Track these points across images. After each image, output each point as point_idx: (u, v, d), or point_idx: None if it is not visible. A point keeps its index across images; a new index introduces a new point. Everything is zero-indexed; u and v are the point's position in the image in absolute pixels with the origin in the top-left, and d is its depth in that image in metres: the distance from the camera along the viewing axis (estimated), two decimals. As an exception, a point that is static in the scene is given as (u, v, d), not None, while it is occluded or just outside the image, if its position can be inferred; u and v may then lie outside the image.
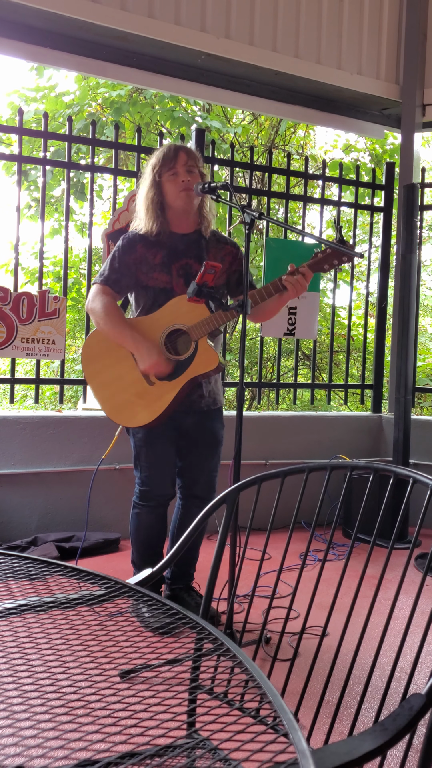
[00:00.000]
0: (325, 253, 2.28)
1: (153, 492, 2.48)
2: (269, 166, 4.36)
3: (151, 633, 0.94)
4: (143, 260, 2.44)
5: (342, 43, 4.32)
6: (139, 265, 2.44)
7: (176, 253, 2.44)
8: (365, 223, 5.53)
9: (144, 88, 6.46)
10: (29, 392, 7.14)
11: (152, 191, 2.43)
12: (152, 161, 2.46)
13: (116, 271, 2.45)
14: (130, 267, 2.44)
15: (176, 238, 2.46)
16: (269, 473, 1.36)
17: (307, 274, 2.30)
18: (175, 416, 2.44)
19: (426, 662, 2.26)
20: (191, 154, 2.44)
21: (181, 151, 2.42)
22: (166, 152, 2.43)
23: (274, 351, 6.61)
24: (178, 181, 2.39)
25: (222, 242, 2.54)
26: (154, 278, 2.43)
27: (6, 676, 0.77)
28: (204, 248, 2.47)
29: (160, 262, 2.43)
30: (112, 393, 2.45)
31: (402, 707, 0.85)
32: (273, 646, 2.40)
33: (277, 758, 0.59)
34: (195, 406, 2.47)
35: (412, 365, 4.08)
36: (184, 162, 2.40)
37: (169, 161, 2.40)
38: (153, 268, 2.43)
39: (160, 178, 2.42)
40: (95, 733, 0.64)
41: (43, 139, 3.62)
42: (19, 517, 3.42)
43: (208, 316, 2.31)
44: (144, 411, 2.39)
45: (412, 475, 1.18)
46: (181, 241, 2.46)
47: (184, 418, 2.48)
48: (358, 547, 3.61)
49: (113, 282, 2.45)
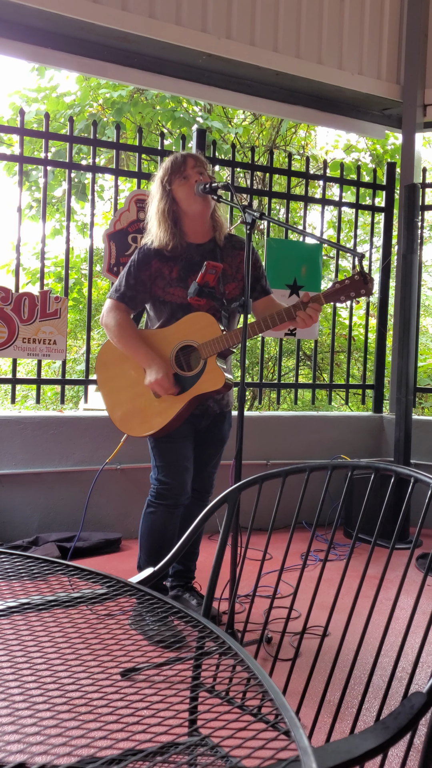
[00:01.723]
0: (344, 284, 2.18)
1: (172, 491, 2.44)
2: (270, 167, 4.36)
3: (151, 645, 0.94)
4: (159, 275, 2.42)
5: (343, 43, 4.32)
6: (154, 280, 2.42)
7: (192, 265, 2.41)
8: (366, 224, 5.53)
9: (145, 89, 6.46)
10: (30, 392, 7.15)
11: (163, 201, 2.38)
12: (159, 174, 2.43)
13: (132, 288, 2.43)
14: (145, 283, 2.43)
15: (192, 250, 2.43)
16: (270, 473, 1.36)
17: (321, 305, 2.24)
18: (192, 419, 2.46)
19: (427, 662, 2.26)
20: (199, 159, 2.42)
21: (189, 157, 2.41)
22: (173, 161, 2.40)
23: (275, 351, 6.61)
24: (190, 184, 2.36)
25: (237, 248, 2.50)
26: (170, 293, 2.41)
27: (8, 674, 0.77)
28: (219, 258, 2.44)
29: (177, 277, 2.41)
30: (120, 401, 2.48)
31: (403, 706, 0.86)
32: (274, 646, 2.40)
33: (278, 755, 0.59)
34: (210, 411, 2.50)
35: (413, 365, 4.09)
36: (192, 165, 2.38)
37: (179, 167, 2.38)
38: (169, 283, 2.41)
39: (171, 186, 2.38)
40: (97, 730, 0.64)
41: (44, 140, 3.63)
42: (21, 517, 3.42)
43: (218, 336, 2.30)
44: (147, 422, 2.41)
45: (414, 475, 1.18)
46: (197, 252, 2.43)
47: (200, 421, 2.50)
48: (359, 547, 3.61)
49: (129, 299, 2.44)
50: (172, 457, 2.45)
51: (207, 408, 2.48)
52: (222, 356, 2.36)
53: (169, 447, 2.45)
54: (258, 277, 2.52)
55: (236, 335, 2.26)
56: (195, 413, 2.45)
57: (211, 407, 2.49)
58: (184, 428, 2.45)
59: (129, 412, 2.46)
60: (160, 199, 2.40)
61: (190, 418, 2.45)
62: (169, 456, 2.45)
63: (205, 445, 2.55)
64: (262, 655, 2.30)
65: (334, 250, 6.20)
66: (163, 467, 2.46)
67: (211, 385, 2.33)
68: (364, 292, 2.17)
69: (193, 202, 2.36)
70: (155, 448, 2.48)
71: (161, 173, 2.42)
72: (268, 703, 0.69)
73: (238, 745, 0.62)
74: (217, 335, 2.30)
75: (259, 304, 2.53)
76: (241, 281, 2.47)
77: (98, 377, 2.56)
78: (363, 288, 2.16)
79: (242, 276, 2.46)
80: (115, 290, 2.47)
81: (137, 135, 3.85)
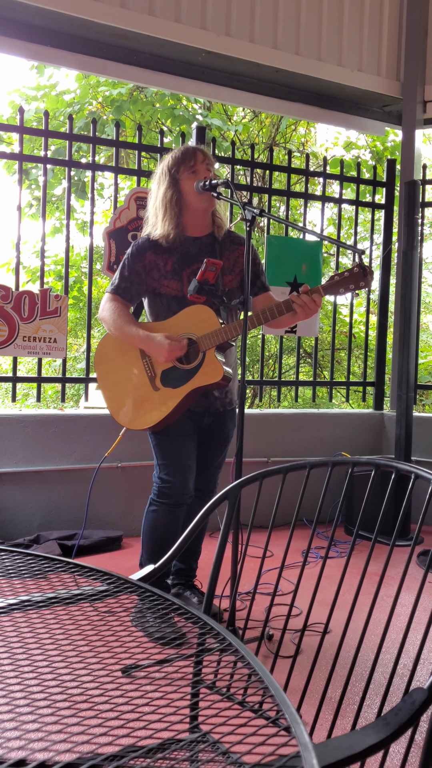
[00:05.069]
0: (343, 276, 2.20)
1: (174, 489, 2.43)
2: (270, 164, 4.36)
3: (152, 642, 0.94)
4: (154, 267, 2.42)
5: (343, 39, 4.31)
6: (149, 272, 2.43)
7: (188, 258, 2.41)
8: (366, 221, 5.52)
9: (144, 86, 6.45)
10: (31, 391, 7.15)
11: (171, 191, 2.37)
12: (167, 162, 2.41)
13: (126, 279, 2.45)
14: (140, 275, 2.43)
15: (189, 242, 2.43)
16: (271, 469, 1.36)
17: (320, 296, 2.24)
18: (194, 416, 2.45)
19: (428, 659, 2.26)
20: (207, 155, 2.42)
21: (199, 151, 2.41)
22: (184, 151, 2.40)
23: (276, 349, 6.61)
24: (198, 179, 2.35)
25: (236, 243, 2.50)
26: (165, 285, 2.42)
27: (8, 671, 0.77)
28: (217, 252, 2.44)
29: (171, 269, 2.41)
30: (119, 394, 2.48)
31: (404, 702, 0.86)
32: (275, 643, 2.40)
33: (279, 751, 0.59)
34: (212, 408, 2.48)
35: (414, 362, 4.09)
36: (202, 160, 2.38)
37: (189, 159, 2.37)
38: (164, 275, 2.41)
39: (179, 176, 2.38)
40: (98, 726, 0.64)
41: (43, 138, 3.62)
42: (22, 515, 3.42)
43: (217, 329, 2.30)
44: (146, 415, 2.41)
45: (414, 471, 1.18)
46: (194, 245, 2.43)
47: (202, 419, 2.49)
48: (360, 544, 3.61)
49: (123, 290, 2.45)
50: (175, 456, 2.44)
51: (210, 405, 2.47)
52: (221, 349, 2.36)
53: (172, 445, 2.44)
54: (257, 273, 2.52)
55: (235, 328, 2.27)
56: (197, 411, 2.45)
57: (214, 404, 2.48)
58: (187, 426, 2.44)
59: (128, 404, 2.46)
60: (167, 188, 2.38)
61: (193, 416, 2.44)
62: (171, 454, 2.45)
63: (208, 444, 2.54)
64: (263, 652, 2.30)
65: (334, 247, 6.20)
66: (165, 465, 2.45)
67: (210, 378, 2.33)
68: (363, 284, 2.17)
69: (198, 196, 2.36)
70: (157, 446, 2.47)
71: (170, 162, 2.40)
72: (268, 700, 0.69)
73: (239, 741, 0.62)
74: (216, 328, 2.30)
75: (258, 300, 2.53)
76: (239, 274, 2.47)
77: (97, 371, 2.56)
78: (362, 280, 2.16)
79: (240, 269, 2.47)
80: (111, 284, 2.50)
81: (137, 133, 3.84)
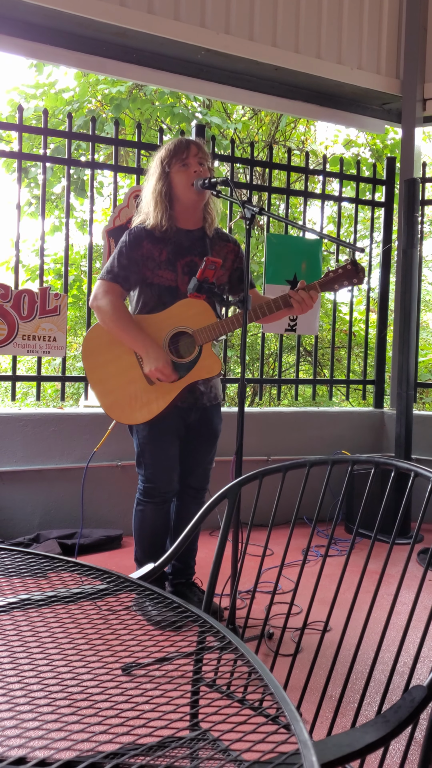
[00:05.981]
0: (337, 273, 2.30)
1: (159, 488, 2.46)
2: (270, 162, 4.35)
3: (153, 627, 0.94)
4: (149, 256, 2.41)
5: (342, 37, 4.31)
6: (145, 261, 2.41)
7: (181, 249, 2.41)
8: (366, 219, 5.52)
9: (144, 85, 6.44)
10: (31, 389, 7.15)
11: (161, 183, 2.38)
12: (161, 154, 2.41)
13: (125, 267, 2.40)
14: (138, 263, 2.41)
15: (181, 235, 2.43)
16: (271, 468, 1.36)
17: (317, 293, 2.31)
18: (180, 413, 2.44)
19: (428, 657, 2.26)
20: (202, 148, 2.41)
21: (192, 144, 2.40)
22: (177, 144, 2.39)
23: (276, 347, 6.60)
24: (189, 172, 2.35)
25: (224, 240, 2.53)
26: (159, 275, 2.41)
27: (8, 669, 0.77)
28: (208, 246, 2.45)
29: (166, 259, 2.40)
30: (111, 388, 2.43)
31: (404, 699, 0.86)
32: (275, 642, 2.40)
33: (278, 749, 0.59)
34: (198, 403, 2.48)
35: (414, 360, 4.08)
36: (195, 153, 2.38)
37: (181, 152, 2.37)
38: (159, 265, 2.40)
39: (170, 169, 2.38)
40: (97, 724, 0.64)
41: (43, 136, 3.61)
42: (22, 514, 3.42)
43: (215, 322, 2.30)
44: (142, 410, 2.39)
45: (414, 469, 1.18)
46: (186, 237, 2.44)
47: (188, 415, 2.48)
48: (360, 542, 3.61)
49: (123, 279, 2.40)
50: (159, 456, 2.45)
51: (196, 400, 2.46)
52: (216, 340, 2.38)
53: (156, 445, 2.44)
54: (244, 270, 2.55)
55: (232, 322, 2.28)
56: (183, 406, 2.44)
57: (201, 400, 2.47)
58: (173, 423, 2.44)
59: (122, 399, 2.41)
60: (158, 180, 2.39)
61: (179, 412, 2.44)
62: (155, 454, 2.45)
63: (197, 441, 2.53)
64: (263, 650, 2.30)
65: (334, 245, 6.19)
66: (150, 465, 2.46)
67: (209, 371, 2.34)
68: (356, 280, 2.30)
69: (188, 191, 2.37)
70: (140, 446, 2.47)
71: (163, 153, 2.41)
72: (268, 698, 0.69)
73: (239, 739, 0.62)
74: (213, 321, 2.31)
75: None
76: (227, 270, 2.51)
77: (86, 364, 2.48)
78: (355, 277, 2.29)
79: (229, 265, 2.52)
80: (107, 272, 2.43)
81: (136, 131, 3.84)
